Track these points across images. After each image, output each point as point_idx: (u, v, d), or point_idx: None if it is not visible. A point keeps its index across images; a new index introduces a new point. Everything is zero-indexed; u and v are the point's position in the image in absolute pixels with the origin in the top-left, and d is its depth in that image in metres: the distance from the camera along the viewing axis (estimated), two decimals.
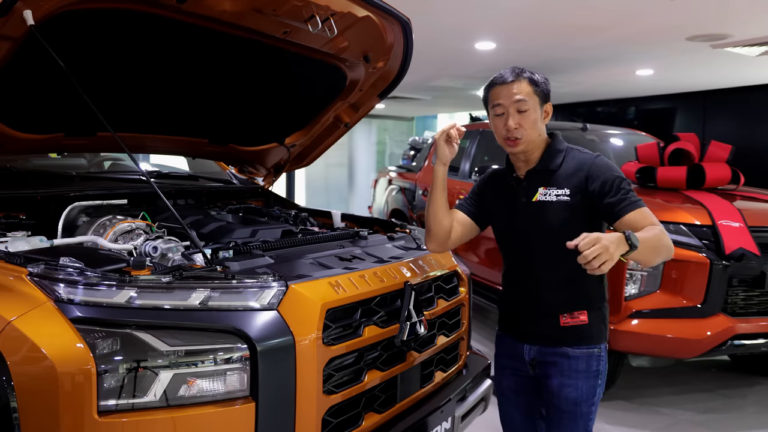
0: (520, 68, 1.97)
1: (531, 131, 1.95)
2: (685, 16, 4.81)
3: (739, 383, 4.38)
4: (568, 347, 1.95)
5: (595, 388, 1.97)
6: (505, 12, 4.88)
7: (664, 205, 3.85)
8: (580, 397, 1.95)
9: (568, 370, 1.95)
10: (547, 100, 1.99)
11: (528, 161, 2.02)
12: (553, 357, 1.97)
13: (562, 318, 1.95)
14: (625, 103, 10.10)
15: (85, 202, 2.40)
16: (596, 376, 1.97)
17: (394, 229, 2.76)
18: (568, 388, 1.95)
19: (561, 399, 1.96)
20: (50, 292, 1.55)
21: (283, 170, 3.41)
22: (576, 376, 1.95)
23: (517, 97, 1.92)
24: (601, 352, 1.98)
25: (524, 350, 2.04)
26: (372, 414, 1.97)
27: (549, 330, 1.97)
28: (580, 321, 1.94)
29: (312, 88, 2.98)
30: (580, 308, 1.95)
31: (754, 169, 5.64)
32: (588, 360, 1.95)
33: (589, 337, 1.96)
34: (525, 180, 2.01)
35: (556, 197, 1.92)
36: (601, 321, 1.99)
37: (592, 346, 1.96)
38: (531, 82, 1.94)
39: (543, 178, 1.97)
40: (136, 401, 1.50)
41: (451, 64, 7.35)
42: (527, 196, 1.98)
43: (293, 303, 1.72)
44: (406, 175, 7.20)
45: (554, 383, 1.97)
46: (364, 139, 14.18)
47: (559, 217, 1.91)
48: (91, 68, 2.23)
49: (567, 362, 1.95)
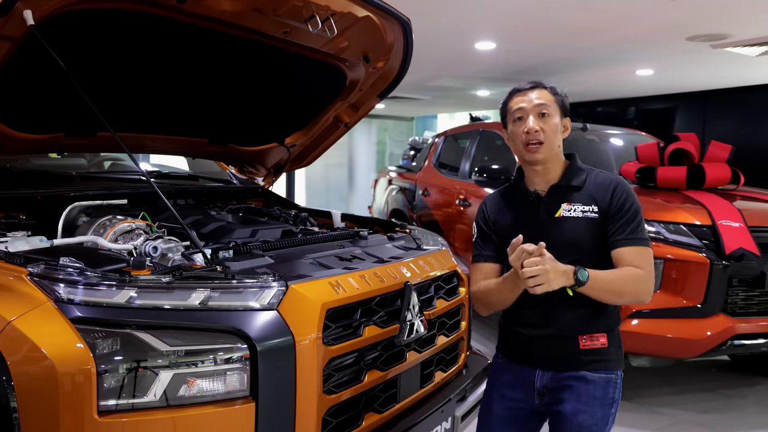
0: (538, 81, 1.96)
1: (552, 137, 1.89)
2: (685, 16, 4.81)
3: (739, 383, 4.38)
4: (587, 371, 1.86)
5: (608, 417, 1.87)
6: (505, 12, 4.88)
7: (664, 205, 3.85)
8: (595, 425, 1.84)
9: (585, 395, 1.85)
10: (566, 114, 1.96)
11: (546, 176, 1.94)
12: (568, 381, 1.87)
13: (581, 340, 1.86)
14: (625, 103, 10.11)
15: (85, 202, 2.39)
16: (611, 405, 1.88)
17: (394, 229, 2.76)
18: (583, 414, 1.84)
19: (574, 426, 1.84)
20: (50, 292, 1.55)
21: (283, 170, 3.40)
22: (593, 403, 1.85)
23: (538, 101, 1.89)
24: (618, 378, 1.90)
25: (536, 376, 1.91)
26: (372, 414, 1.97)
27: (567, 353, 1.87)
28: (600, 344, 1.87)
29: (312, 88, 2.98)
30: (600, 330, 1.88)
31: (754, 169, 5.65)
32: (606, 387, 1.87)
33: (608, 361, 1.88)
34: (546, 196, 1.93)
35: (583, 213, 1.87)
36: (618, 346, 1.93)
37: (610, 371, 1.88)
38: (552, 91, 1.93)
39: (566, 195, 1.91)
40: (136, 401, 1.50)
41: (451, 64, 7.35)
42: (549, 213, 1.90)
43: (293, 303, 1.72)
44: (406, 175, 7.20)
45: (568, 409, 1.85)
46: (364, 139, 14.18)
47: (584, 233, 1.86)
48: (91, 68, 2.23)
49: (585, 387, 1.85)
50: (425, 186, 6.50)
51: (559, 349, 1.88)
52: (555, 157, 1.93)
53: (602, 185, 1.90)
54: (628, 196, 1.88)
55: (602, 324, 1.88)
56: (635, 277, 1.80)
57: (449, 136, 6.75)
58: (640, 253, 1.82)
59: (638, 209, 1.87)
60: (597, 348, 1.87)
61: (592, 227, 1.86)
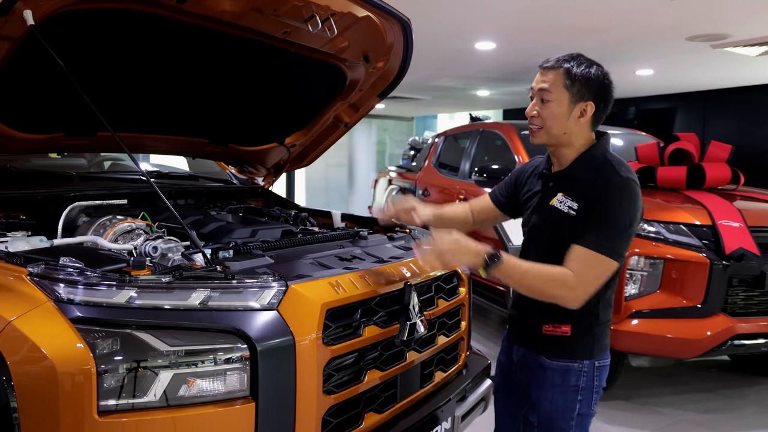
0: (570, 56, 1.82)
1: (552, 125, 1.82)
2: (685, 16, 4.81)
3: (739, 383, 4.38)
4: (545, 357, 1.89)
5: (574, 403, 1.86)
6: (505, 12, 4.88)
7: (664, 205, 3.85)
8: (554, 411, 1.88)
9: (543, 382, 1.90)
10: (585, 98, 1.80)
11: (560, 160, 1.90)
12: (531, 363, 1.95)
13: (544, 326, 1.88)
14: (625, 103, 10.10)
15: (85, 202, 2.39)
16: (575, 392, 1.86)
17: (394, 229, 2.76)
18: (543, 401, 1.91)
19: (540, 412, 1.94)
20: (50, 292, 1.55)
21: (283, 170, 3.40)
22: (552, 390, 1.88)
23: (541, 86, 1.82)
24: (584, 367, 1.86)
25: (513, 350, 2.06)
26: (372, 414, 1.97)
27: (531, 335, 1.94)
28: (561, 332, 1.85)
29: (312, 88, 2.98)
30: (563, 320, 1.85)
31: (755, 169, 5.65)
32: (565, 374, 1.86)
33: (568, 350, 1.86)
34: (552, 179, 1.91)
35: (567, 208, 1.81)
36: (588, 336, 1.87)
37: (570, 360, 1.86)
38: (566, 73, 1.79)
39: (567, 185, 1.85)
40: (136, 401, 1.50)
41: (451, 64, 7.36)
42: (546, 197, 1.89)
43: (293, 303, 1.72)
44: (406, 175, 7.21)
45: (533, 395, 1.96)
46: (364, 139, 14.19)
47: (560, 228, 1.81)
48: (91, 68, 2.23)
49: (542, 373, 1.90)
50: (425, 186, 6.50)
51: (526, 331, 1.97)
52: (563, 142, 1.85)
53: (599, 185, 1.78)
54: (611, 200, 1.74)
55: (565, 315, 1.81)
56: (555, 278, 1.72)
57: (449, 136, 6.75)
58: (585, 255, 1.72)
59: (615, 218, 1.73)
60: (558, 336, 1.86)
61: (571, 224, 1.78)
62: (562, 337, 1.86)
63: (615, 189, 1.76)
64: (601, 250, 1.71)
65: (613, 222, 1.73)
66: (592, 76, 1.80)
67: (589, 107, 1.83)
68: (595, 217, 1.74)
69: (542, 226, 1.88)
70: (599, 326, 1.88)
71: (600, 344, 1.89)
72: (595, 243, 1.71)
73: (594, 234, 1.72)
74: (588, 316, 1.86)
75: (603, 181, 1.78)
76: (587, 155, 1.86)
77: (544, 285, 1.74)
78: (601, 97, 1.83)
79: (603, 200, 1.74)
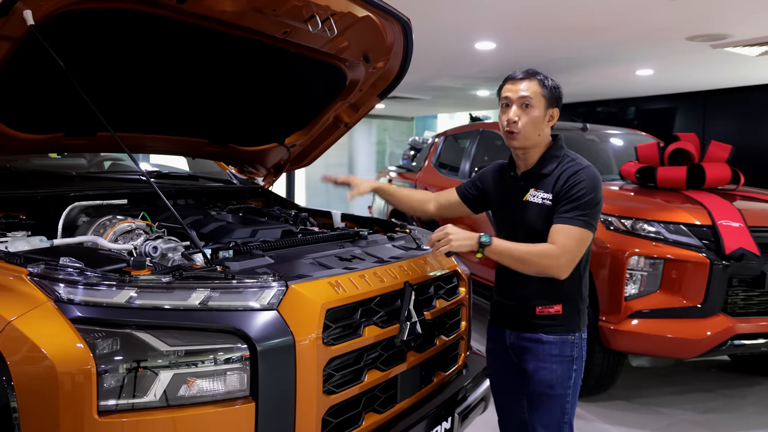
0: (533, 70, 2.09)
1: (530, 128, 2.05)
2: (685, 16, 4.81)
3: (739, 383, 4.38)
4: (542, 333, 2.08)
5: (570, 371, 2.08)
6: (505, 12, 4.88)
7: (664, 205, 3.85)
8: (554, 379, 2.06)
9: (542, 354, 2.07)
10: (554, 105, 2.09)
11: (526, 161, 2.14)
12: (528, 343, 2.10)
13: (537, 308, 2.08)
14: (625, 103, 10.11)
15: (85, 202, 2.39)
16: (570, 361, 2.08)
17: (394, 229, 2.76)
18: (543, 371, 2.07)
19: (536, 382, 2.08)
20: (50, 292, 1.55)
21: (283, 170, 3.40)
22: (550, 360, 2.07)
23: (523, 93, 2.05)
24: (576, 339, 2.09)
25: (506, 336, 2.17)
26: (372, 414, 1.97)
27: (526, 318, 2.10)
28: (554, 311, 2.07)
29: (312, 88, 2.98)
30: (554, 301, 2.07)
31: (755, 169, 5.65)
32: (561, 345, 2.07)
33: (563, 325, 2.08)
34: (521, 179, 2.15)
35: (542, 200, 2.05)
36: (576, 313, 2.10)
37: (565, 333, 2.08)
38: (540, 83, 2.06)
39: (535, 181, 2.10)
40: (136, 401, 1.50)
41: (451, 64, 7.36)
42: (519, 195, 2.12)
43: (293, 303, 1.72)
44: (406, 175, 7.20)
45: (530, 367, 2.09)
46: (364, 139, 14.19)
47: (539, 218, 2.04)
48: (91, 68, 2.23)
49: (541, 347, 2.08)
50: (425, 186, 6.49)
51: (520, 315, 2.13)
52: (534, 144, 2.09)
53: (565, 174, 2.04)
54: (580, 183, 2.00)
55: (556, 295, 2.07)
56: (542, 252, 1.97)
57: (449, 136, 6.75)
58: (563, 230, 1.97)
59: (585, 196, 1.98)
60: (552, 315, 2.08)
61: (547, 213, 2.03)
62: (555, 315, 2.08)
63: (582, 173, 2.03)
64: (576, 223, 1.98)
65: (584, 199, 1.99)
66: (557, 86, 2.10)
67: (555, 113, 2.11)
68: (568, 199, 2.00)
69: (519, 220, 2.10)
70: (582, 302, 2.13)
71: (583, 319, 2.14)
72: (571, 218, 1.98)
73: (569, 212, 1.99)
74: (576, 296, 2.11)
75: (568, 170, 2.05)
76: (549, 153, 2.12)
77: (531, 257, 1.98)
78: (560, 104, 2.13)
79: (572, 184, 2.01)
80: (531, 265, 1.98)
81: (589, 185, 2.01)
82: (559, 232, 1.98)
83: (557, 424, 2.08)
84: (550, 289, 2.06)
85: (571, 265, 2.00)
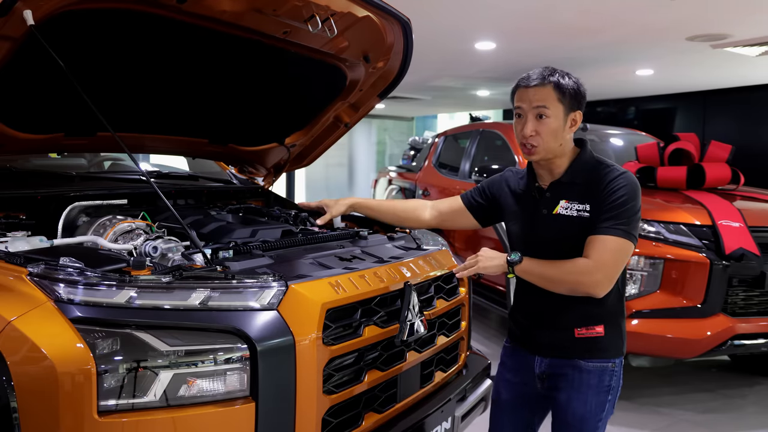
0: (550, 70, 1.87)
1: (549, 140, 1.86)
2: (685, 16, 4.81)
3: (739, 383, 4.38)
4: (580, 359, 1.90)
5: (605, 404, 1.91)
6: (505, 12, 4.88)
7: (664, 205, 3.85)
8: (588, 412, 1.90)
9: (579, 383, 1.90)
10: (575, 107, 1.88)
11: (552, 171, 1.95)
12: (564, 369, 1.92)
13: (576, 330, 1.90)
14: (625, 103, 10.11)
15: (85, 202, 2.39)
16: (607, 392, 1.91)
17: (394, 229, 2.76)
18: (576, 402, 1.90)
19: (568, 413, 1.91)
20: (50, 292, 1.55)
21: (283, 170, 3.40)
22: (586, 391, 1.90)
23: (538, 104, 1.85)
24: (615, 366, 1.92)
25: (535, 363, 1.99)
26: (372, 414, 1.97)
27: (563, 341, 1.92)
28: (596, 333, 1.89)
29: (312, 88, 2.98)
30: (596, 321, 1.89)
31: (754, 169, 5.65)
32: (600, 374, 1.90)
33: (604, 349, 1.91)
34: (548, 191, 1.95)
35: (577, 212, 1.86)
36: (618, 336, 1.93)
37: (606, 360, 1.91)
38: (557, 87, 1.84)
39: (566, 191, 1.91)
40: (136, 401, 1.50)
41: (451, 64, 7.36)
42: (548, 208, 1.92)
43: (293, 303, 1.72)
44: (406, 175, 7.21)
45: (563, 397, 1.92)
46: (364, 139, 14.19)
47: (576, 232, 1.85)
48: (91, 68, 2.23)
49: (578, 375, 1.90)
50: (425, 186, 6.50)
51: (556, 338, 1.94)
52: (558, 153, 1.91)
53: (602, 181, 1.86)
54: (619, 189, 1.82)
55: (597, 315, 1.89)
56: (577, 268, 1.79)
57: (449, 136, 6.75)
58: (600, 242, 1.79)
59: (625, 203, 1.81)
60: (593, 337, 1.90)
61: (584, 226, 1.85)
62: (597, 338, 1.90)
63: (621, 179, 1.85)
64: (615, 233, 1.79)
65: (624, 207, 1.81)
66: (577, 86, 1.88)
67: (578, 116, 1.91)
68: (608, 208, 1.82)
69: (549, 235, 1.90)
70: (623, 320, 1.97)
71: (624, 339, 1.97)
72: (609, 228, 1.79)
73: (606, 221, 1.80)
74: (619, 315, 1.94)
75: (605, 177, 1.87)
76: (580, 161, 1.94)
77: (565, 275, 1.81)
78: (583, 104, 1.92)
79: (611, 192, 1.83)
80: (565, 284, 1.81)
81: (630, 192, 1.82)
82: (595, 245, 1.79)
83: None
84: (591, 308, 1.87)
85: (610, 281, 1.81)
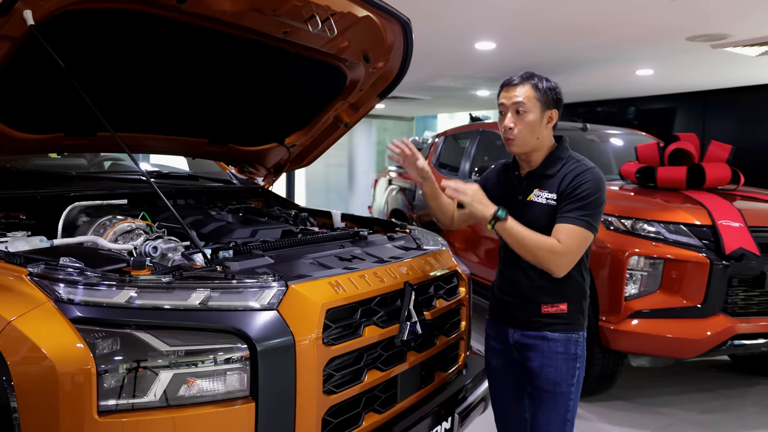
0: (529, 73, 2.10)
1: (526, 133, 2.07)
2: (685, 16, 4.81)
3: (739, 383, 4.39)
4: (548, 331, 2.09)
5: (574, 369, 2.10)
6: (505, 12, 4.88)
7: (664, 205, 3.85)
8: (559, 376, 2.09)
9: (548, 351, 2.09)
10: (551, 106, 2.09)
11: (530, 162, 2.16)
12: (534, 340, 2.11)
13: (543, 306, 2.09)
14: (625, 103, 10.11)
15: (85, 202, 2.39)
16: (575, 359, 2.10)
17: (394, 229, 2.76)
18: (548, 368, 2.09)
19: (542, 379, 2.10)
20: (50, 292, 1.55)
21: (283, 170, 3.41)
22: (555, 357, 2.08)
23: (516, 99, 2.07)
24: (579, 338, 2.12)
25: (509, 334, 2.17)
26: (372, 414, 1.97)
27: (531, 316, 2.11)
28: (560, 310, 2.09)
29: (312, 88, 2.98)
30: (560, 299, 2.09)
31: (755, 169, 5.64)
32: (566, 343, 2.09)
33: (568, 324, 2.10)
34: (525, 179, 2.16)
35: (546, 200, 2.07)
36: (579, 312, 2.13)
37: (570, 332, 2.10)
38: (534, 87, 2.06)
39: (540, 181, 2.12)
40: (136, 401, 1.50)
41: (451, 64, 7.35)
42: (524, 195, 2.13)
43: (293, 303, 1.72)
44: (406, 175, 7.19)
45: (535, 365, 2.11)
46: (364, 139, 14.19)
47: (543, 217, 2.06)
48: (91, 68, 2.23)
49: (547, 345, 2.09)
50: None
51: (525, 312, 2.13)
52: (535, 148, 2.11)
53: (570, 174, 2.06)
54: (584, 183, 2.02)
55: (561, 294, 2.09)
56: (550, 246, 1.99)
57: (449, 136, 6.75)
58: (566, 229, 2.00)
59: (590, 196, 2.01)
60: (557, 313, 2.10)
61: (551, 213, 2.05)
62: (561, 314, 2.10)
63: (587, 173, 2.06)
64: (579, 223, 2.00)
65: (588, 200, 2.01)
66: (553, 87, 2.10)
67: (554, 114, 2.12)
68: (572, 199, 2.02)
69: (523, 219, 2.08)
70: (585, 301, 2.16)
71: (585, 317, 2.17)
72: (575, 218, 2.00)
73: (572, 211, 2.01)
74: (580, 294, 2.14)
75: (573, 170, 2.07)
76: (554, 155, 2.14)
77: (537, 247, 2.00)
78: (560, 105, 2.13)
79: (578, 184, 2.03)
80: (536, 255, 2.00)
81: (594, 186, 2.03)
82: (562, 232, 2.00)
83: (561, 421, 2.10)
84: (556, 288, 2.08)
85: (570, 265, 2.03)
